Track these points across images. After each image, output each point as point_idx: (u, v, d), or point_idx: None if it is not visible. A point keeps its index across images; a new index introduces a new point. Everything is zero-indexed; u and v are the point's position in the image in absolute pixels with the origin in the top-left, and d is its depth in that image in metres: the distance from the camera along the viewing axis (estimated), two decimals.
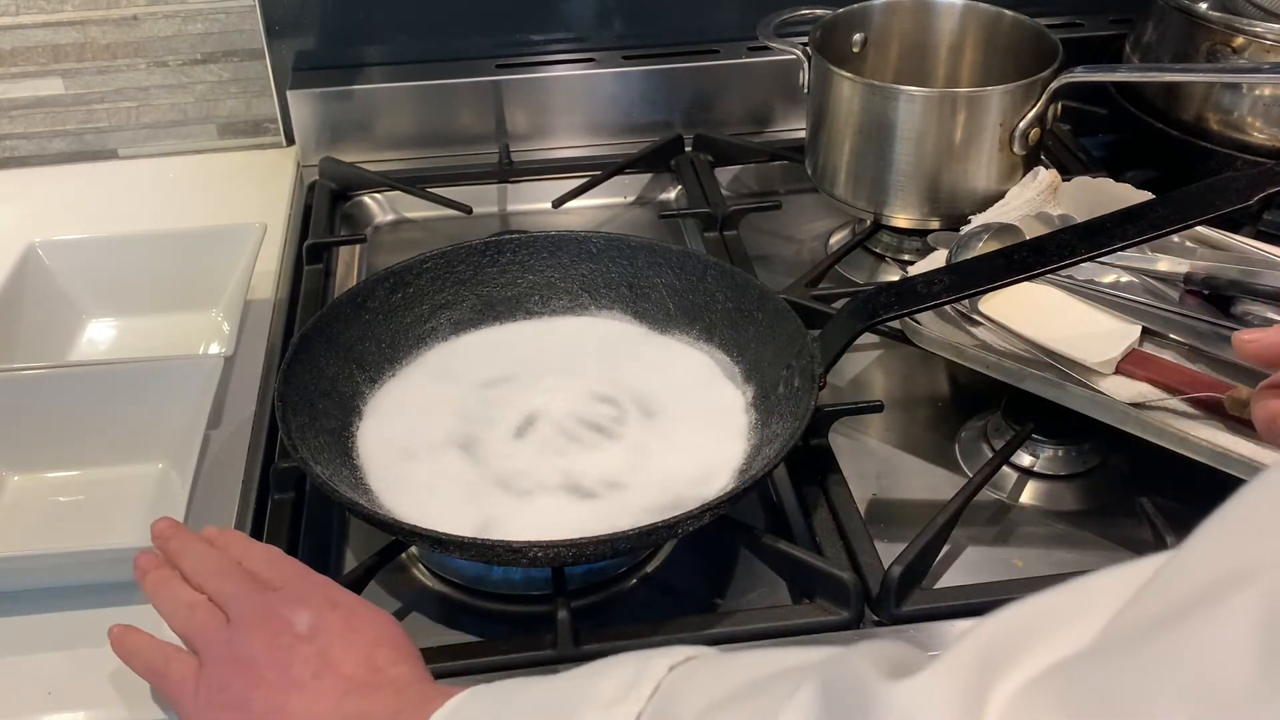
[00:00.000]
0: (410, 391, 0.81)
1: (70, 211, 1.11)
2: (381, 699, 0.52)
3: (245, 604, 0.58)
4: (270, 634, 0.55)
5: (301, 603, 0.57)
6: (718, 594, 0.72)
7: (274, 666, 0.54)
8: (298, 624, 0.55)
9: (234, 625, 0.57)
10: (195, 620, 0.58)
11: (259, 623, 0.56)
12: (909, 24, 1.06)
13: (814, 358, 0.73)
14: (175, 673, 0.58)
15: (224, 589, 0.59)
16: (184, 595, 0.60)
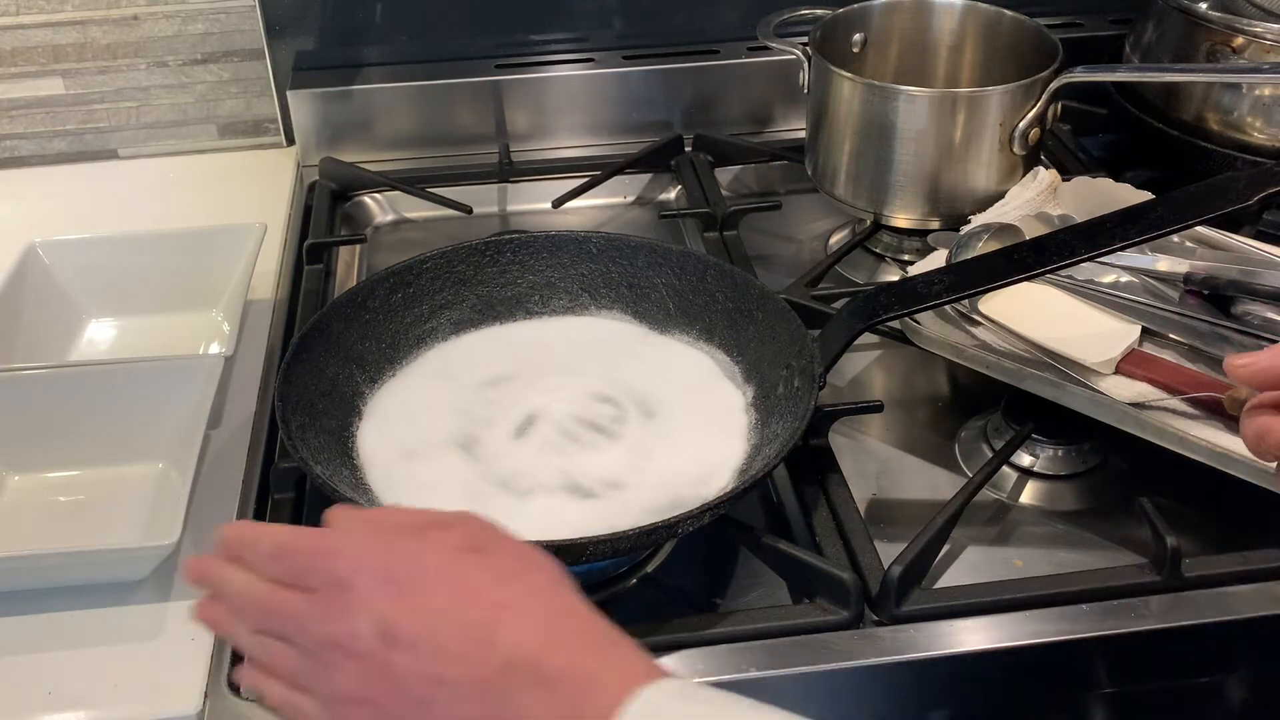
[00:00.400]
0: (410, 391, 0.81)
1: (70, 211, 1.11)
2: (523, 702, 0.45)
3: (296, 631, 0.50)
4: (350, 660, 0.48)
5: (344, 604, 0.48)
6: (718, 594, 0.72)
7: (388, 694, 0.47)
8: (363, 636, 0.47)
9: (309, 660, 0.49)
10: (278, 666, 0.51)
11: (327, 649, 0.48)
12: (909, 24, 1.06)
13: (814, 358, 0.73)
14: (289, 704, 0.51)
15: (271, 625, 0.51)
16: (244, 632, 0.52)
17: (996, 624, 0.67)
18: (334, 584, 0.48)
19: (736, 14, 1.19)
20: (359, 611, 0.47)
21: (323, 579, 0.49)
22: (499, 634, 0.46)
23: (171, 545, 0.68)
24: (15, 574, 0.70)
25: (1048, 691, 0.71)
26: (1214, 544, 0.72)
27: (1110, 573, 0.70)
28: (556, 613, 0.47)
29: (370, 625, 0.47)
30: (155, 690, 0.65)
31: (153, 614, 0.70)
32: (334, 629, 0.48)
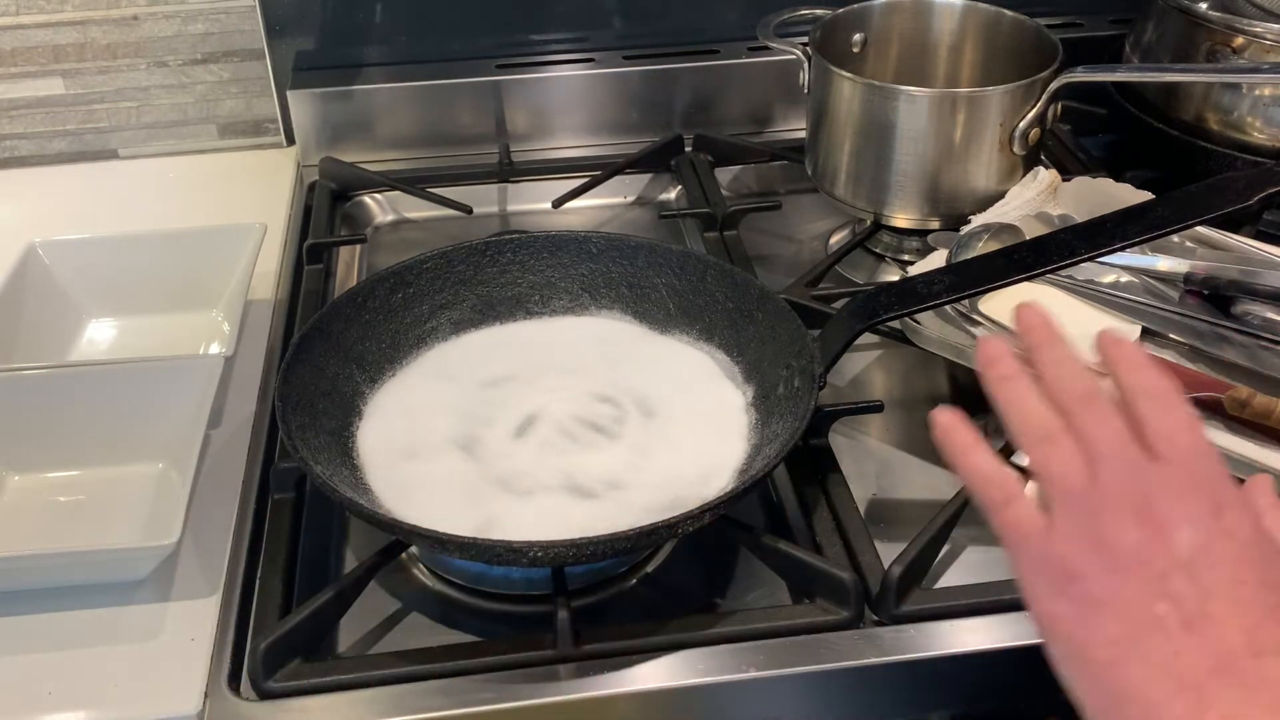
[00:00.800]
0: (410, 391, 0.81)
1: (70, 211, 1.11)
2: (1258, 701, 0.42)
3: (1116, 468, 0.46)
4: (1144, 536, 0.45)
5: (1189, 500, 0.45)
6: (718, 594, 0.72)
7: (1139, 587, 0.44)
8: (1179, 540, 0.44)
9: (1098, 491, 0.46)
10: (1050, 457, 0.48)
11: (1128, 508, 0.45)
12: (909, 24, 1.06)
13: (814, 358, 0.73)
14: (1017, 519, 0.48)
15: (1094, 431, 0.47)
16: (1041, 416, 0.49)
17: (996, 624, 0.67)
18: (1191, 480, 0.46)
19: (736, 14, 1.19)
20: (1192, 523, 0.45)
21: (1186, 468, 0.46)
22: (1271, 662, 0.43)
23: (171, 545, 0.68)
24: (15, 574, 0.70)
25: (1047, 691, 0.71)
26: None
27: None
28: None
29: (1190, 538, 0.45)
30: (155, 690, 0.65)
31: (153, 614, 0.70)
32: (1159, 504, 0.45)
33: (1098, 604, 0.45)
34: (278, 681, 0.64)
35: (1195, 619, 0.43)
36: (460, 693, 0.64)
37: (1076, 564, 0.46)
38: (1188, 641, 0.43)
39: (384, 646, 0.69)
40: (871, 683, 0.66)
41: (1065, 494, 0.47)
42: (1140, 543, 0.45)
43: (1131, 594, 0.44)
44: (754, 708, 0.66)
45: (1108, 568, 0.45)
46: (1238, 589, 0.44)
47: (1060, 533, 0.46)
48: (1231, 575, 0.44)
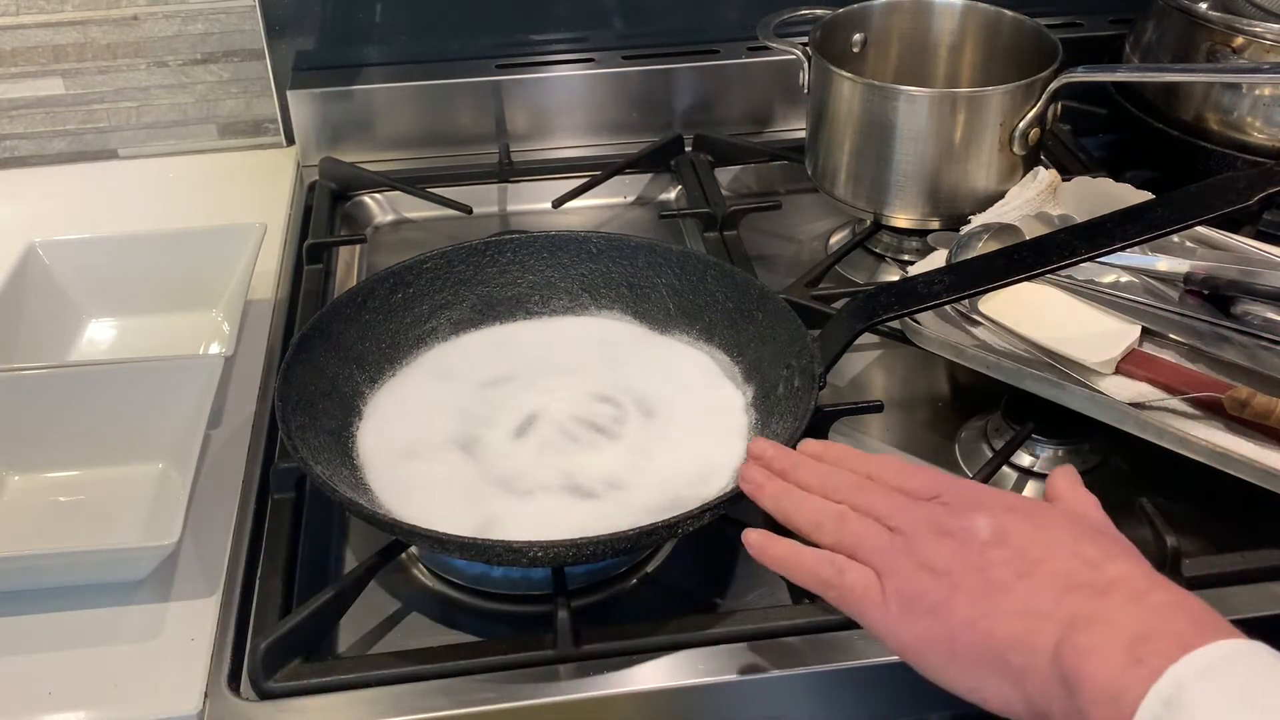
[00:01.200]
0: (410, 391, 0.81)
1: (70, 211, 1.11)
2: (1114, 601, 0.46)
3: (906, 515, 0.54)
4: (954, 543, 0.51)
5: (973, 509, 0.52)
6: (718, 594, 0.72)
7: (969, 573, 0.50)
8: (979, 530, 0.51)
9: (905, 537, 0.53)
10: (852, 531, 0.54)
11: (934, 533, 0.52)
12: (909, 24, 1.06)
13: (814, 358, 0.73)
14: (853, 583, 0.53)
15: (872, 502, 0.55)
16: (822, 506, 0.57)
17: None
18: (967, 499, 0.54)
19: (736, 14, 1.19)
20: (982, 515, 0.52)
21: (957, 496, 0.54)
22: (1107, 566, 0.48)
23: (171, 545, 0.68)
24: (15, 574, 0.70)
25: None
26: (1214, 544, 0.72)
27: None
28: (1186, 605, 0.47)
29: (988, 524, 0.51)
30: (155, 690, 0.65)
31: (153, 614, 0.70)
32: (951, 522, 0.52)
33: (945, 603, 0.50)
34: (278, 681, 0.64)
35: (1025, 569, 0.49)
36: (460, 693, 0.64)
37: (914, 588, 0.51)
38: (1031, 585, 0.48)
39: (384, 646, 0.69)
40: (871, 683, 0.66)
41: (878, 550, 0.53)
42: (953, 547, 0.51)
43: (968, 581, 0.50)
44: (754, 708, 0.66)
45: (939, 575, 0.51)
46: (1045, 534, 0.50)
47: (893, 578, 0.52)
48: (1035, 530, 0.51)
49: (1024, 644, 0.47)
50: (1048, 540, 0.50)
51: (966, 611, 0.50)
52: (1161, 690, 0.42)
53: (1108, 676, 0.44)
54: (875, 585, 0.53)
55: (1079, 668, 0.45)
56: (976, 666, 0.49)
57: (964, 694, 0.50)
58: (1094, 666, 0.44)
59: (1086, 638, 0.45)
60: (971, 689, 0.50)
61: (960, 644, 0.50)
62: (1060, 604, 0.47)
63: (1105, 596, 0.47)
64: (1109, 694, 0.43)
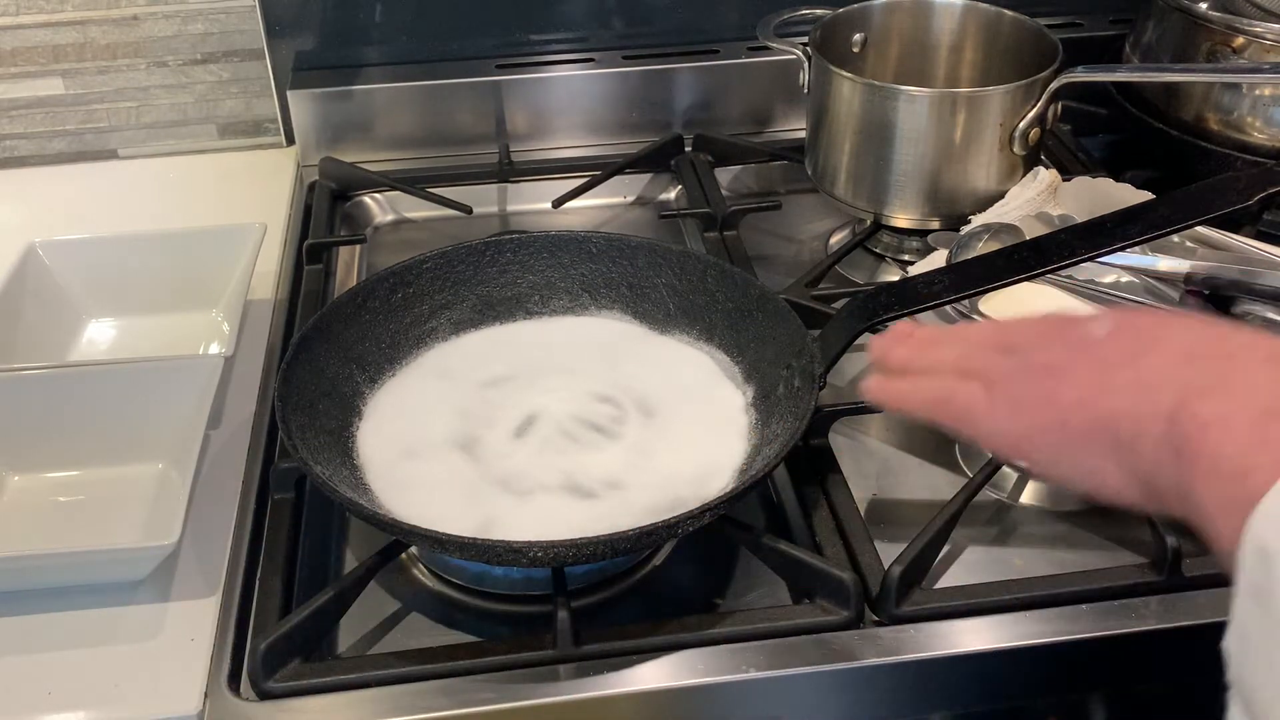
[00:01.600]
0: (410, 391, 0.81)
1: (70, 211, 1.11)
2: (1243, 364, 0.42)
3: (1025, 336, 0.52)
4: (1070, 344, 0.49)
5: (1093, 318, 0.51)
6: (718, 594, 0.72)
7: (1084, 363, 0.47)
8: (1094, 330, 0.49)
9: (1021, 351, 0.51)
10: (974, 358, 0.54)
11: (1051, 340, 0.50)
12: (909, 24, 1.06)
13: (814, 358, 0.73)
14: (963, 397, 0.52)
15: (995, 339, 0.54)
16: (947, 349, 0.56)
17: (996, 624, 0.67)
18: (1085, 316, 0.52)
19: (736, 14, 1.19)
20: (1101, 319, 0.50)
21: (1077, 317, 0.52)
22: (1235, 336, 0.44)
23: (171, 545, 0.68)
24: (15, 574, 0.70)
25: (1048, 691, 0.71)
26: None
27: (1110, 573, 0.70)
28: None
29: (1105, 323, 0.49)
30: (155, 690, 0.65)
31: (153, 614, 0.70)
32: (1069, 331, 0.50)
33: (1055, 390, 0.47)
34: (278, 682, 0.64)
35: (1142, 348, 0.45)
36: (460, 693, 0.64)
37: (1024, 387, 0.50)
38: (1145, 360, 0.45)
39: (384, 646, 0.69)
40: (871, 683, 0.66)
41: (996, 365, 0.52)
42: (1067, 347, 0.49)
43: (1080, 368, 0.47)
44: (754, 708, 0.66)
45: (1050, 371, 0.49)
46: (1171, 323, 0.47)
47: (1004, 386, 0.51)
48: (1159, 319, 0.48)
49: (1136, 412, 0.43)
50: (1176, 326, 0.46)
51: (1077, 393, 0.47)
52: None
53: (1229, 451, 0.39)
54: (983, 394, 0.52)
55: (1194, 436, 0.40)
56: (1088, 447, 0.46)
57: (1078, 479, 0.48)
58: (1213, 438, 0.39)
59: (1208, 405, 0.40)
60: (1085, 472, 0.47)
61: (1071, 426, 0.46)
62: (1179, 371, 0.43)
63: (1232, 360, 0.42)
64: (1228, 471, 0.38)
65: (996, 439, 0.51)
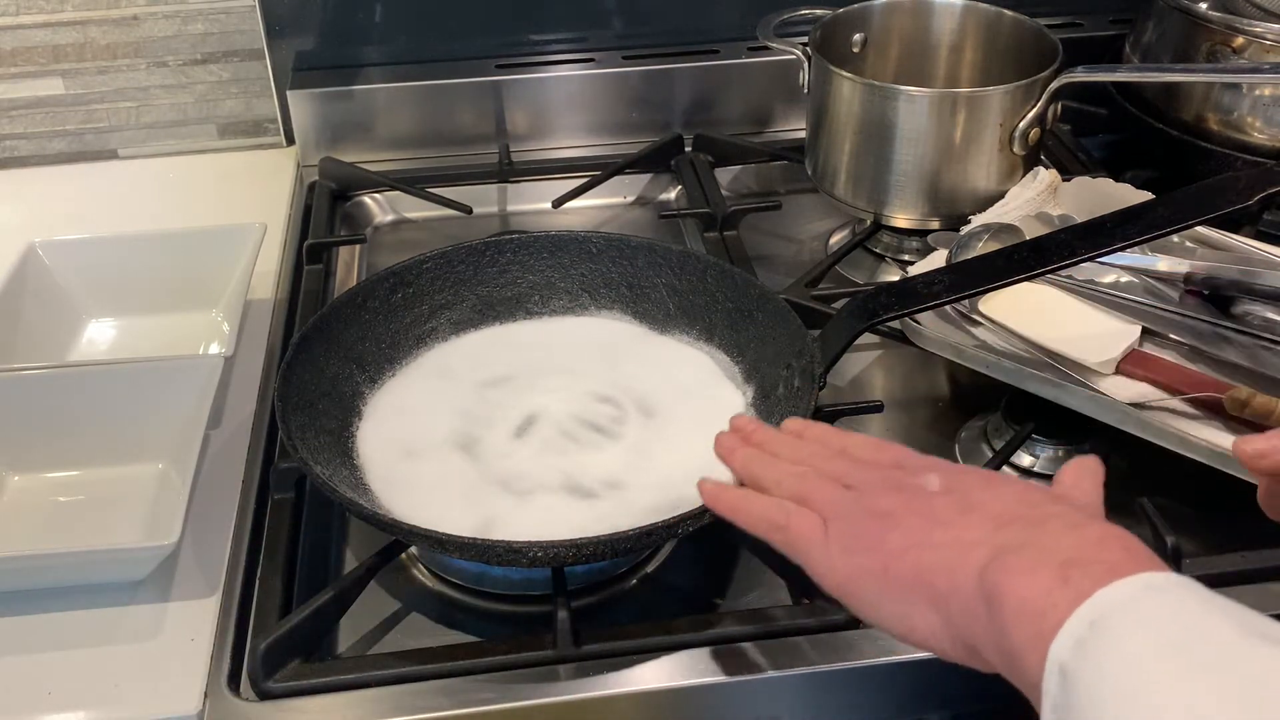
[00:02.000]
0: (410, 391, 0.81)
1: (70, 211, 1.11)
2: (1050, 530, 0.46)
3: (864, 474, 0.55)
4: (904, 494, 0.52)
5: (928, 469, 0.54)
6: (718, 594, 0.72)
7: (912, 514, 0.51)
8: (929, 483, 0.52)
9: (858, 490, 0.54)
10: (811, 484, 0.56)
11: (887, 487, 0.53)
12: (909, 24, 1.06)
13: (814, 358, 0.73)
14: (799, 526, 0.55)
15: (835, 467, 0.57)
16: (787, 466, 0.58)
17: None
18: (926, 464, 0.55)
19: (736, 14, 1.19)
20: (936, 473, 0.53)
21: (919, 463, 0.56)
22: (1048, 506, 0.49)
23: (171, 545, 0.68)
24: (15, 574, 0.70)
25: None
26: (1214, 544, 0.72)
27: None
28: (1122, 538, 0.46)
29: (939, 479, 0.53)
30: (155, 690, 0.65)
31: (153, 614, 0.70)
32: (905, 478, 0.54)
33: (882, 538, 0.51)
34: (278, 682, 0.64)
35: (967, 507, 0.50)
36: (460, 693, 0.64)
37: (856, 529, 0.53)
38: (969, 520, 0.49)
39: (384, 646, 0.69)
40: (871, 683, 0.66)
41: (830, 500, 0.55)
42: (902, 497, 0.52)
43: (908, 520, 0.51)
44: (754, 708, 0.66)
45: (882, 517, 0.52)
46: (995, 486, 0.51)
47: (839, 521, 0.54)
48: (985, 483, 0.52)
49: (951, 567, 0.48)
50: (996, 491, 0.51)
51: (901, 542, 0.50)
52: (1085, 614, 0.41)
53: (1033, 594, 0.43)
54: (820, 528, 0.54)
55: (1003, 584, 0.44)
56: (907, 595, 0.49)
57: (894, 625, 0.50)
58: (1020, 584, 0.44)
59: (1015, 559, 0.45)
60: (900, 617, 0.50)
61: (892, 573, 0.50)
62: (995, 534, 0.47)
63: (1040, 526, 0.47)
64: (1032, 611, 0.43)
65: (826, 576, 0.53)
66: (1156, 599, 0.41)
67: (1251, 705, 0.37)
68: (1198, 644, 0.39)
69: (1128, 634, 0.40)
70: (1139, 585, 0.42)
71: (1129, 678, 0.39)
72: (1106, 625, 0.41)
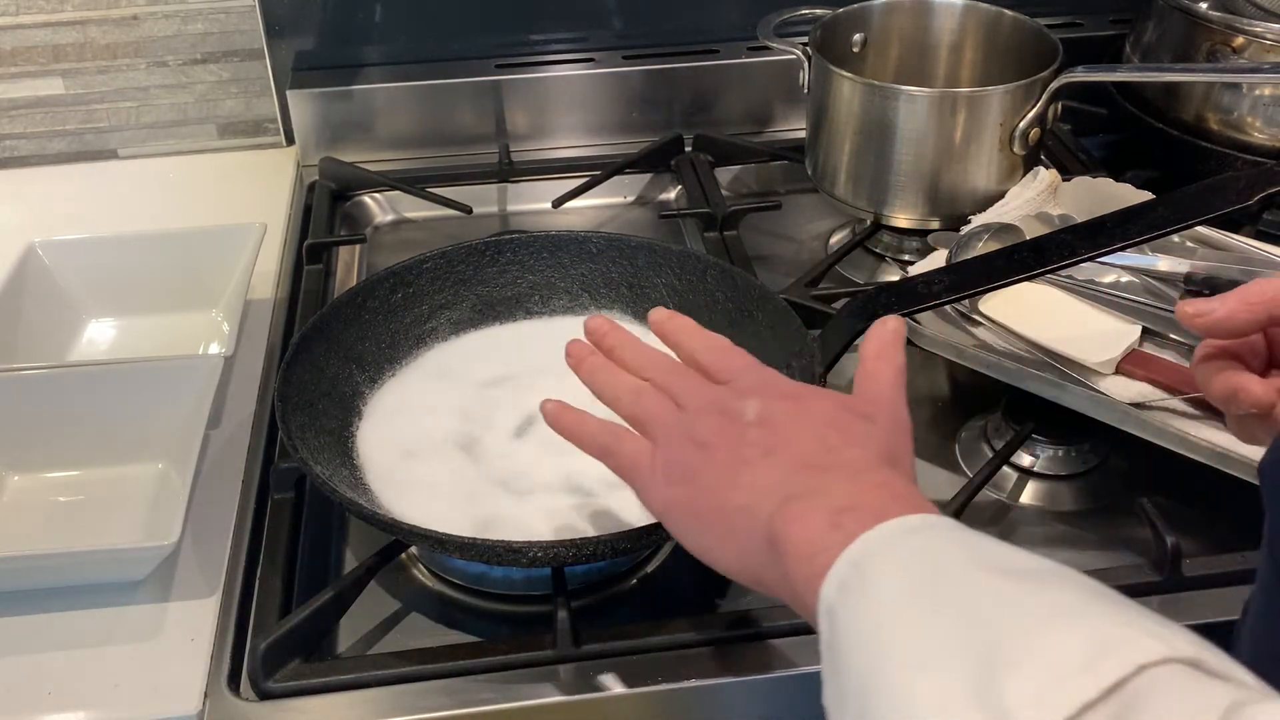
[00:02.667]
0: (410, 391, 0.81)
1: (70, 211, 1.11)
2: (834, 478, 0.50)
3: (695, 395, 0.58)
4: (723, 422, 0.55)
5: (751, 393, 0.56)
6: (718, 594, 0.72)
7: (725, 447, 0.54)
8: (747, 412, 0.55)
9: (686, 412, 0.57)
10: (644, 404, 0.59)
11: (711, 411, 0.56)
12: (909, 24, 1.06)
13: (814, 358, 0.73)
14: (628, 450, 0.59)
15: (671, 382, 0.60)
16: (627, 381, 0.61)
17: None
18: (753, 385, 0.58)
19: (736, 14, 1.19)
20: (755, 399, 0.56)
21: (748, 381, 0.58)
22: (842, 452, 0.52)
23: (171, 545, 0.68)
24: (15, 574, 0.70)
25: None
26: (1214, 544, 0.72)
27: (1110, 573, 0.70)
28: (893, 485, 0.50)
29: (756, 407, 0.55)
30: (155, 690, 0.65)
31: (153, 614, 0.70)
32: (729, 403, 0.56)
33: (697, 472, 0.54)
34: (277, 682, 0.64)
35: (773, 449, 0.53)
36: (460, 693, 0.64)
37: (677, 458, 0.56)
38: (770, 463, 0.52)
39: (384, 646, 0.69)
40: None
41: (661, 424, 0.58)
42: (721, 424, 0.55)
43: (722, 454, 0.54)
44: (754, 708, 0.66)
45: (700, 448, 0.55)
46: (803, 420, 0.54)
47: (664, 448, 0.57)
48: (795, 416, 0.54)
49: (749, 510, 0.51)
50: (802, 426, 0.54)
51: (711, 480, 0.54)
52: (851, 554, 0.44)
53: (808, 537, 0.47)
54: (648, 454, 0.57)
55: (785, 530, 0.48)
56: (711, 530, 0.54)
57: (700, 555, 0.55)
58: (797, 529, 0.48)
59: (798, 506, 0.49)
60: (705, 549, 0.54)
61: (700, 508, 0.54)
62: (788, 480, 0.51)
63: (826, 474, 0.50)
64: (806, 552, 0.47)
65: (649, 502, 0.57)
66: (910, 540, 0.45)
67: (962, 637, 0.39)
68: (938, 582, 0.42)
69: (881, 575, 0.43)
70: (896, 528, 0.45)
71: (876, 616, 0.42)
72: (865, 566, 0.44)
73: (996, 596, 0.40)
